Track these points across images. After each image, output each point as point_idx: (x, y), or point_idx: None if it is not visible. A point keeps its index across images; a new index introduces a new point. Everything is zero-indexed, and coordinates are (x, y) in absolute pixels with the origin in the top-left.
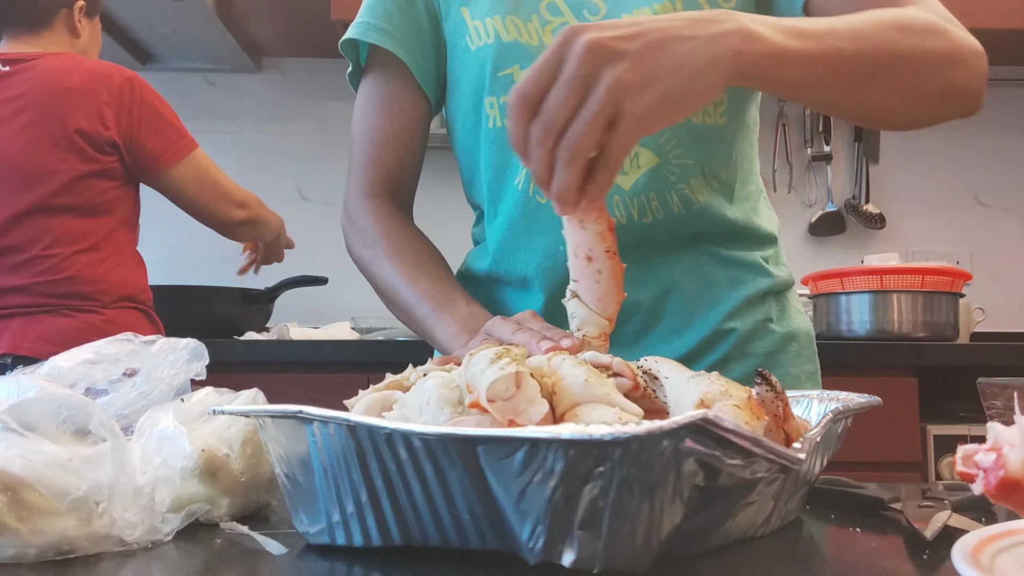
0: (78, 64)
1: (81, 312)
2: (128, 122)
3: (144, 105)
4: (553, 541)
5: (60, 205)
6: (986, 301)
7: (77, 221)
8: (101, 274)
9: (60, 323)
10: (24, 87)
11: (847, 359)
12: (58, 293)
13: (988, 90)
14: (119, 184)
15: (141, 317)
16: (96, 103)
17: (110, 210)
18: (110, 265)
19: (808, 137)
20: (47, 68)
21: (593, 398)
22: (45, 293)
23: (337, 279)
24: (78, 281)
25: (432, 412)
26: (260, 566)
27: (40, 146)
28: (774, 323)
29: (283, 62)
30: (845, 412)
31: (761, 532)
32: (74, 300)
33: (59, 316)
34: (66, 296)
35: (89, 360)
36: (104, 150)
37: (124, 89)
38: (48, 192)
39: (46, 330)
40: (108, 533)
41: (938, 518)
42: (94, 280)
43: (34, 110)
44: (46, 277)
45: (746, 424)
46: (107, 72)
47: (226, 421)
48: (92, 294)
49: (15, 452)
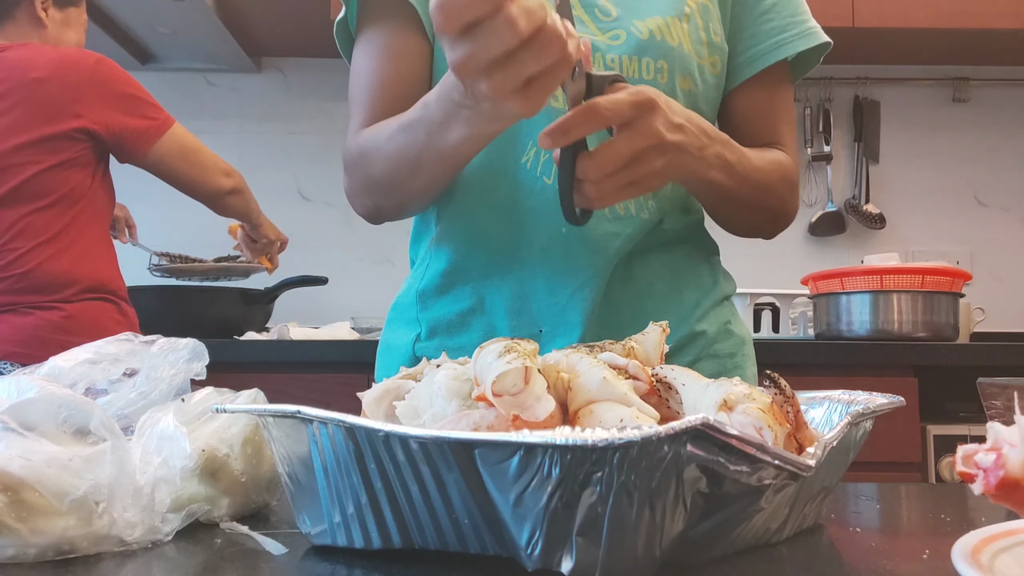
0: (42, 53)
1: (40, 309)
2: (103, 107)
3: (117, 87)
4: (551, 548)
5: (23, 199)
6: (986, 301)
7: (39, 214)
8: (63, 266)
9: (19, 322)
10: None
11: (847, 359)
12: (18, 289)
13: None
14: (87, 172)
15: (109, 308)
16: (65, 92)
17: (75, 200)
18: (73, 256)
19: (808, 137)
20: (11, 60)
21: (610, 397)
22: (5, 291)
23: (337, 279)
24: (38, 275)
25: (441, 404)
26: (260, 566)
27: (5, 139)
28: (732, 325)
29: (283, 62)
30: (865, 414)
31: (776, 539)
32: (34, 296)
33: (18, 315)
34: (26, 291)
35: (89, 360)
36: (73, 137)
37: (95, 74)
38: (12, 187)
39: (5, 330)
40: (108, 533)
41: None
42: (55, 273)
43: (1, 104)
44: (6, 273)
45: (769, 428)
46: (73, 58)
47: (226, 421)
48: (53, 287)
49: (15, 452)
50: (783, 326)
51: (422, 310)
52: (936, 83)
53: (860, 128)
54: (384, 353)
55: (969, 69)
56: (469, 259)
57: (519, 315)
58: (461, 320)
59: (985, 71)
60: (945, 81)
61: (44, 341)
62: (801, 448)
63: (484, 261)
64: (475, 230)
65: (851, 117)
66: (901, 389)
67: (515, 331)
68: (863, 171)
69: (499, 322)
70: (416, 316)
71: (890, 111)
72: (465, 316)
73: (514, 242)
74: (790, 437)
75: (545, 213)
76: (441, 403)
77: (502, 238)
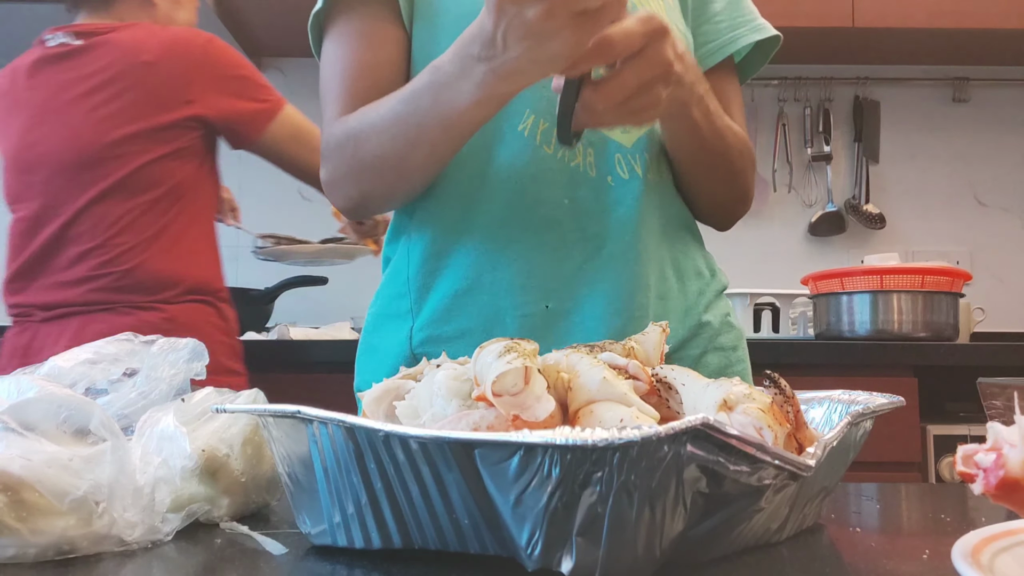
0: (152, 35)
1: (140, 310)
2: (215, 92)
3: (228, 69)
4: (551, 547)
5: (129, 191)
6: (986, 301)
7: (145, 208)
8: (167, 265)
9: (118, 321)
10: (99, 63)
11: (847, 359)
12: (119, 287)
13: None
14: (196, 163)
15: (210, 312)
16: (176, 76)
17: (181, 193)
18: (177, 255)
19: (808, 137)
20: (122, 42)
21: (610, 397)
22: (105, 288)
23: (337, 279)
24: (140, 273)
25: (441, 404)
26: (260, 566)
27: (114, 127)
28: (731, 318)
29: (283, 62)
30: (865, 414)
31: (776, 539)
32: (135, 295)
33: (117, 314)
34: (127, 290)
35: (89, 360)
36: (184, 126)
37: (206, 55)
38: (118, 179)
39: (103, 329)
40: (108, 533)
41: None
42: (158, 272)
43: (110, 89)
44: (107, 270)
45: (769, 428)
46: (184, 40)
47: (226, 421)
48: (155, 287)
49: (15, 452)
50: (783, 326)
51: (416, 299)
52: (936, 83)
53: (860, 128)
54: (370, 354)
55: (969, 69)
56: (466, 235)
57: (523, 291)
58: (458, 302)
59: (985, 71)
60: (945, 81)
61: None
62: (801, 448)
63: (481, 236)
64: (471, 204)
65: (851, 117)
66: (901, 389)
67: (518, 308)
68: (863, 171)
69: (501, 300)
70: (410, 307)
71: (890, 111)
72: (462, 297)
73: (514, 214)
74: (790, 437)
75: (546, 183)
76: (441, 403)
77: (500, 210)
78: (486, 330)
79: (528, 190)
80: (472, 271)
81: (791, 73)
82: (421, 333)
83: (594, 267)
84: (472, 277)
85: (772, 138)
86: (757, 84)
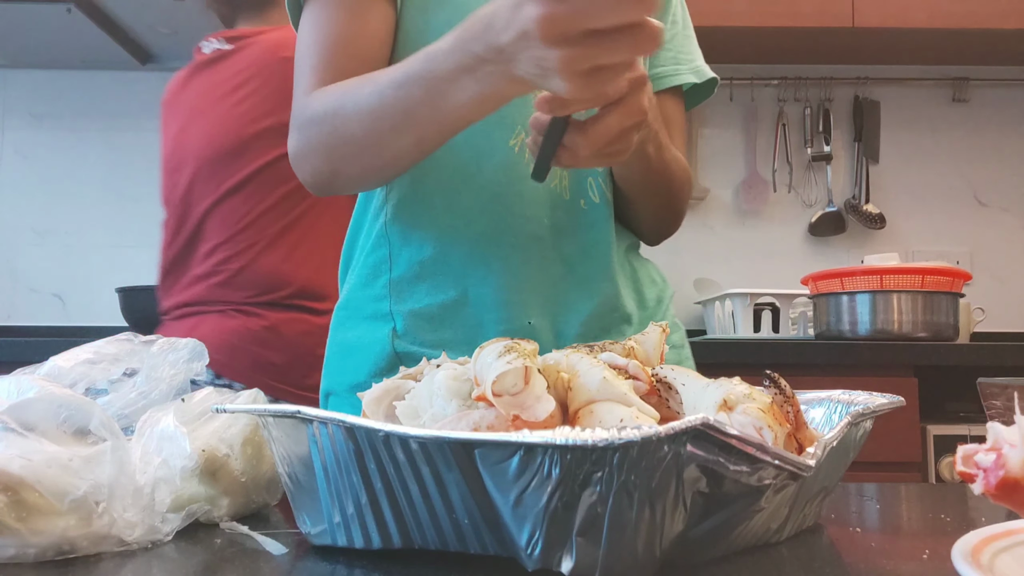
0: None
1: (244, 314)
2: None
3: None
4: (551, 547)
5: (258, 187)
6: (986, 301)
7: (271, 205)
8: (280, 265)
9: (223, 325)
10: (244, 62)
11: (847, 359)
12: (231, 284)
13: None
14: None
15: (311, 324)
16: None
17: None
18: (294, 255)
19: (808, 137)
20: (267, 41)
21: (610, 397)
22: (221, 284)
23: None
24: (252, 271)
25: (441, 404)
26: (260, 566)
27: (252, 122)
28: (675, 317)
29: None
30: (865, 414)
31: (776, 539)
32: (244, 292)
33: (226, 316)
34: (237, 287)
35: (89, 360)
36: None
37: None
38: (249, 172)
39: (205, 332)
40: (108, 533)
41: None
42: (269, 271)
43: (251, 85)
44: (227, 266)
45: (769, 428)
46: None
47: (226, 421)
48: (265, 287)
49: (15, 452)
50: (783, 326)
51: (396, 302)
52: (936, 83)
53: (860, 128)
54: (343, 355)
55: (969, 69)
56: (450, 246)
57: (507, 306)
58: (443, 313)
59: (985, 71)
60: (945, 81)
61: (234, 349)
62: (801, 448)
63: (467, 249)
64: (457, 215)
65: (851, 117)
66: (901, 389)
67: (502, 323)
68: (863, 171)
69: (485, 314)
70: (389, 310)
71: (890, 111)
72: (447, 308)
73: (499, 229)
74: (790, 437)
75: (531, 201)
76: (441, 403)
77: (487, 224)
78: (469, 341)
79: (514, 207)
80: (459, 283)
81: (791, 73)
82: (403, 340)
83: (570, 285)
84: (459, 289)
85: (772, 138)
86: (757, 84)
